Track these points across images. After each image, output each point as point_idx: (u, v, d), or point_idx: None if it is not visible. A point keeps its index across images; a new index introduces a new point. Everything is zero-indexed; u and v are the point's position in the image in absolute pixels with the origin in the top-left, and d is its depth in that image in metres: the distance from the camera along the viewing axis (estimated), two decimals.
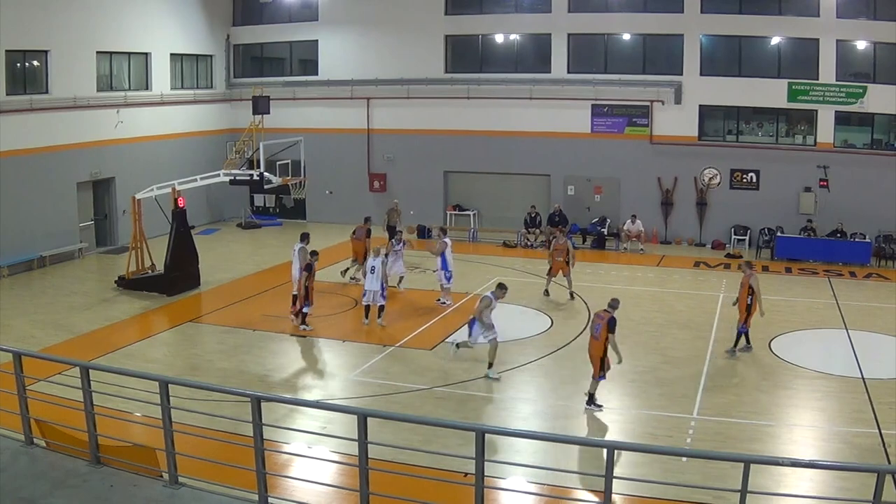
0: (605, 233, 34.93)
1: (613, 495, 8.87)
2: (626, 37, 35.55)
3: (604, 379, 17.20)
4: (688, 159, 34.65)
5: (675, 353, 21.00)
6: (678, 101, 34.39)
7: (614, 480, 8.79)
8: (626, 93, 34.86)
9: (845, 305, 25.46)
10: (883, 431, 16.05)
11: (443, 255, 25.09)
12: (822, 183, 33.11)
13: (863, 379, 18.98)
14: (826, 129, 33.22)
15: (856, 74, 32.91)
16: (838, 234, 31.83)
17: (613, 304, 17.47)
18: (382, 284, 23.00)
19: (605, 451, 8.84)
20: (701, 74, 34.24)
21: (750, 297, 20.47)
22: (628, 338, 22.38)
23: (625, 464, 13.55)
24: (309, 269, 22.22)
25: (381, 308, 23.11)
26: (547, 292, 26.43)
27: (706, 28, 34.04)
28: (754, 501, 10.93)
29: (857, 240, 31.80)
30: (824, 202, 32.96)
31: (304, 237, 24.10)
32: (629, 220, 33.96)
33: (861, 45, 32.66)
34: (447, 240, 25.66)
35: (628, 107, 35.14)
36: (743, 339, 20.83)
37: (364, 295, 23.30)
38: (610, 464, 8.77)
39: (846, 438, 16.04)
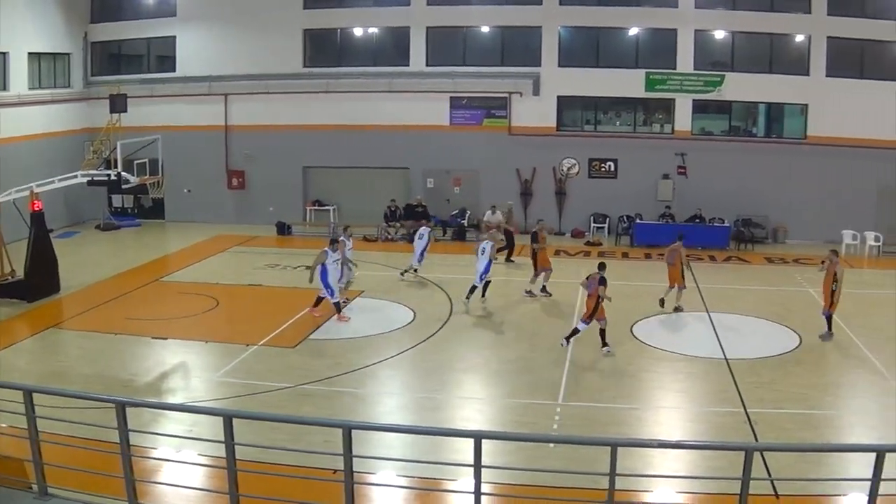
0: (466, 224, 34.79)
1: (483, 485, 8.76)
2: (485, 29, 35.48)
3: None
4: (546, 150, 34.79)
5: (539, 342, 20.89)
6: (536, 92, 34.48)
7: (483, 470, 8.68)
8: (485, 85, 34.75)
9: (706, 289, 25.86)
10: (748, 410, 16.20)
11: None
12: (679, 170, 33.74)
13: (726, 360, 19.26)
14: (684, 118, 33.94)
15: (714, 63, 33.64)
16: (697, 220, 32.42)
17: None
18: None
19: (472, 441, 8.52)
20: (559, 66, 34.42)
21: (834, 284, 20.76)
22: (489, 328, 22.34)
23: (492, 452, 13.27)
24: (604, 282, 19.68)
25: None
26: (662, 301, 23.48)
27: (565, 20, 34.27)
28: (624, 483, 10.82)
29: (715, 224, 32.49)
30: (683, 189, 33.62)
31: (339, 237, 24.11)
32: (489, 212, 33.82)
33: (719, 34, 33.44)
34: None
35: (487, 99, 35.06)
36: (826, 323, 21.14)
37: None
38: (478, 453, 8.62)
39: (712, 418, 16.18)
